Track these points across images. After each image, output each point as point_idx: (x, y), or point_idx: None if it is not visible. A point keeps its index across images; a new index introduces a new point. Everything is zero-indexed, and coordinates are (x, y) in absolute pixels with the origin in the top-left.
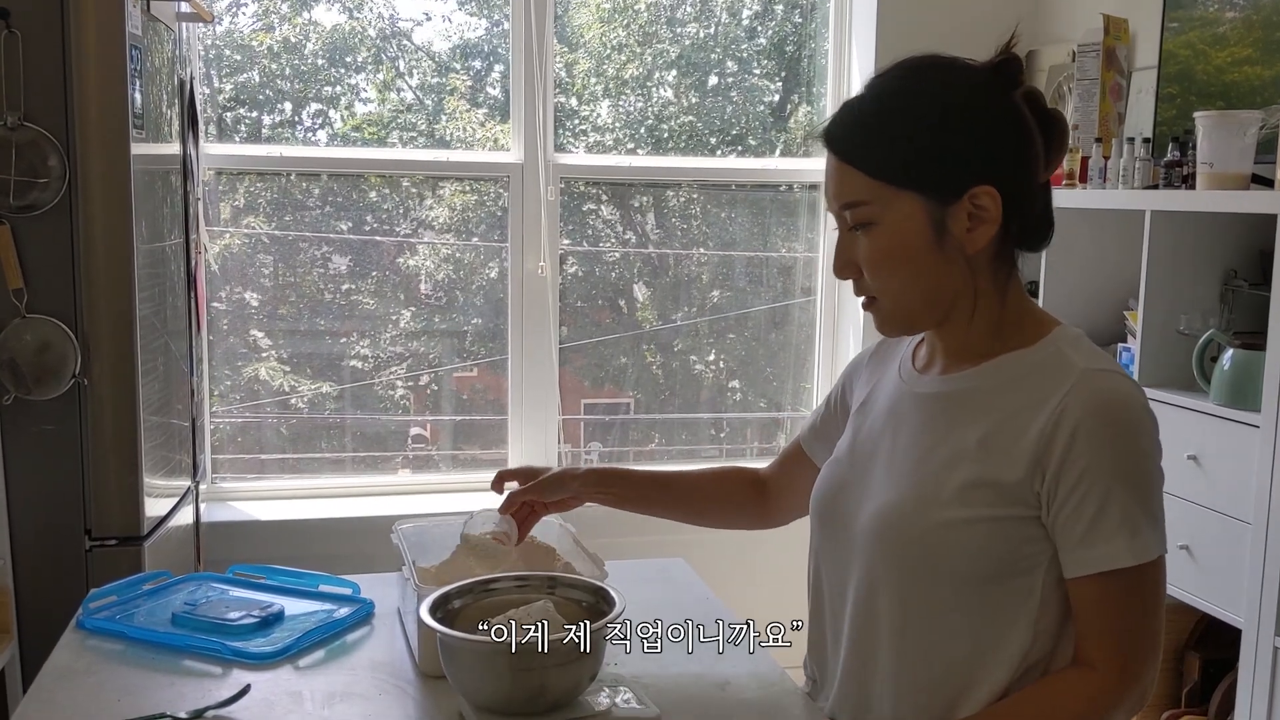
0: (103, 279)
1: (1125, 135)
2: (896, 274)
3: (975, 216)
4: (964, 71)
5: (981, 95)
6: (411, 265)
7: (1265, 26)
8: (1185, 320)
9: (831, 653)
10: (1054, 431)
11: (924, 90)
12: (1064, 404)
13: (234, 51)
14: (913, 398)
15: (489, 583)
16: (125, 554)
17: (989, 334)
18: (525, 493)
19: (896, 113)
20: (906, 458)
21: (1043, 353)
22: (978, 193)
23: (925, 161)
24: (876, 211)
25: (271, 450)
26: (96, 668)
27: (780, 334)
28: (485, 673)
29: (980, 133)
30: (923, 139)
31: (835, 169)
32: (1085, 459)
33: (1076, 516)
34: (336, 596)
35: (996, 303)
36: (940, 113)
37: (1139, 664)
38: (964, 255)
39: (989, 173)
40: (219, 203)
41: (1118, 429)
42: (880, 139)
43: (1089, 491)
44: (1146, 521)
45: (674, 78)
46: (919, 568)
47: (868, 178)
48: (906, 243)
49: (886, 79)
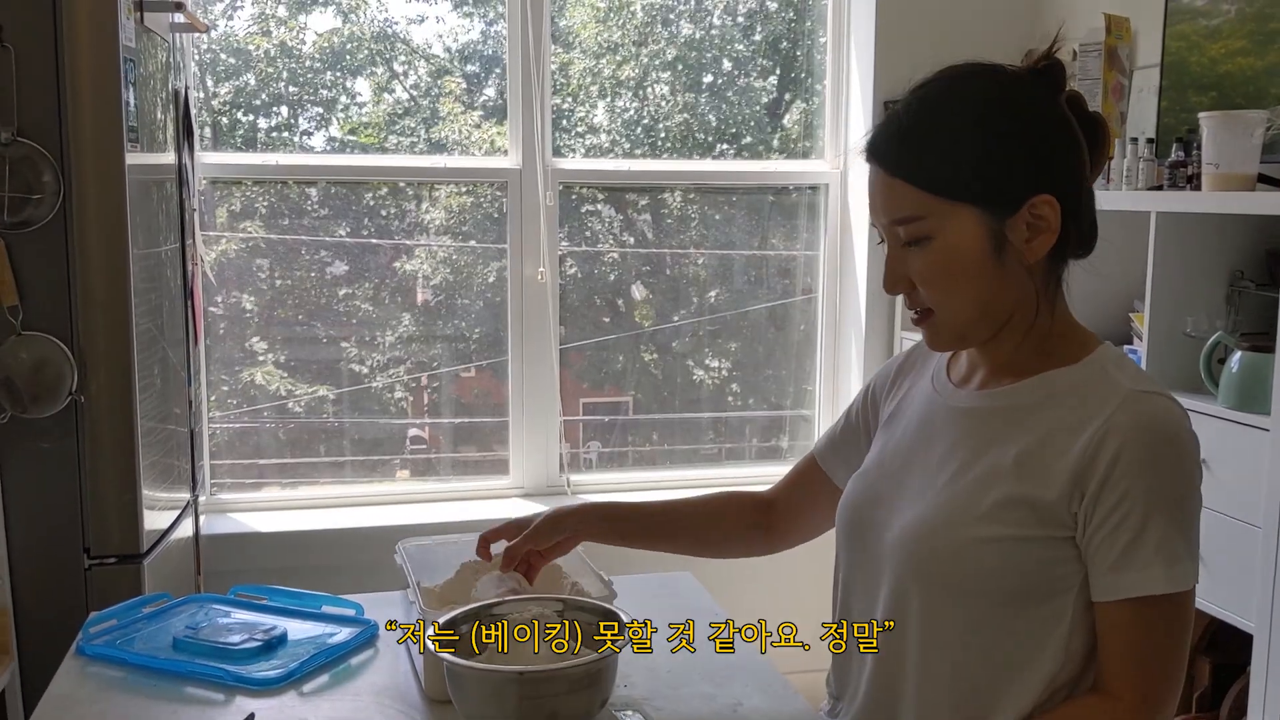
0: (99, 295)
1: (1128, 135)
2: (955, 289)
3: (1034, 227)
4: (1009, 78)
5: (1029, 102)
6: (409, 269)
7: (1259, 18)
8: (1192, 322)
9: (856, 667)
10: (1096, 452)
11: (971, 99)
12: (1108, 425)
13: (230, 56)
14: (948, 411)
15: (495, 606)
16: (125, 572)
17: (1035, 349)
18: (522, 544)
19: (946, 123)
20: (940, 472)
21: (1086, 371)
22: (1037, 202)
23: (982, 173)
24: (932, 226)
25: (270, 456)
26: (98, 696)
27: (780, 334)
28: (494, 702)
29: (1034, 141)
30: (978, 150)
31: (883, 183)
32: (1126, 482)
33: (1112, 540)
34: (340, 618)
35: (1048, 316)
36: (992, 122)
37: (1163, 695)
38: (1023, 267)
39: (1046, 181)
40: (215, 208)
41: (1162, 454)
42: (932, 151)
43: (1128, 515)
44: (1185, 550)
45: (670, 77)
46: (949, 584)
47: (921, 192)
48: (965, 257)
49: (930, 88)
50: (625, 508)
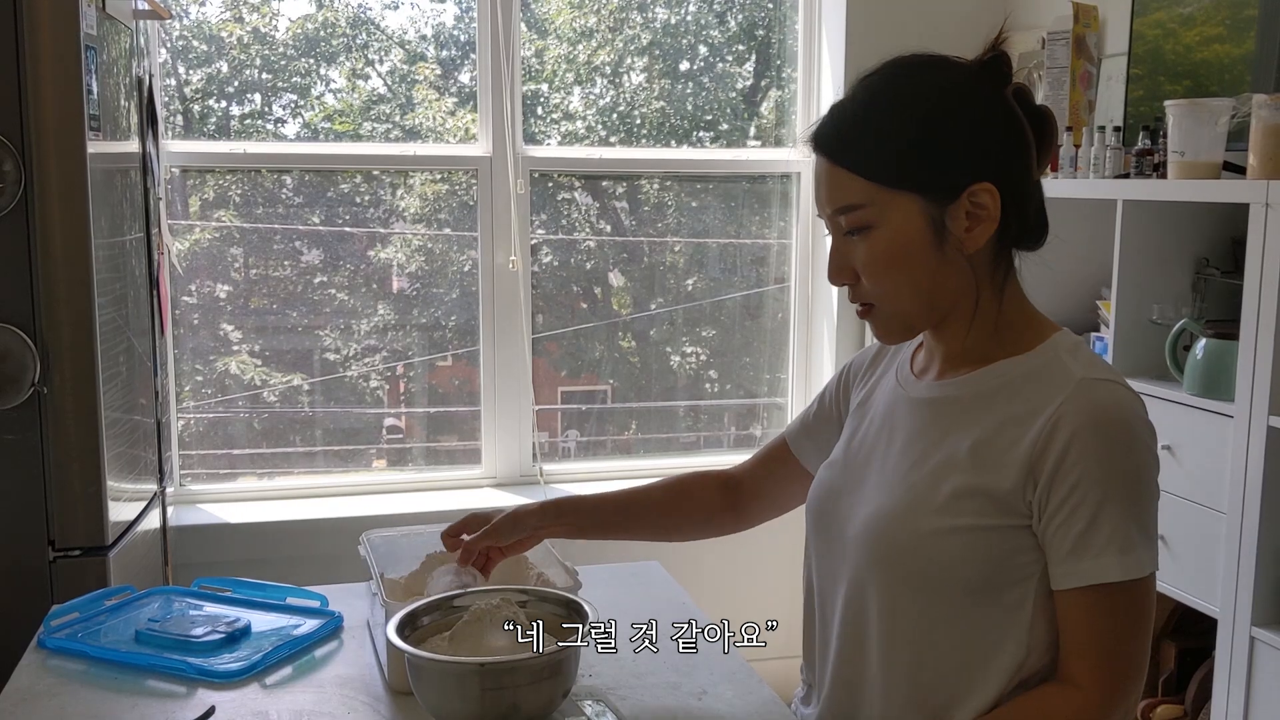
0: (61, 285)
1: (1096, 124)
2: (896, 277)
3: (974, 215)
4: (954, 68)
5: (974, 92)
6: (384, 257)
7: (1234, 5)
8: (1158, 310)
9: (821, 658)
10: (1048, 440)
11: (915, 89)
12: (1060, 412)
13: (202, 42)
14: (907, 402)
15: (458, 598)
16: (90, 564)
17: (987, 338)
18: (481, 539)
19: (889, 112)
20: (899, 464)
21: (1040, 359)
22: (976, 190)
23: (922, 160)
24: (873, 214)
25: (244, 446)
26: (58, 689)
27: (755, 322)
28: (455, 693)
29: (976, 130)
30: (918, 138)
31: (827, 173)
32: (1079, 470)
33: (1066, 529)
34: (304, 609)
35: (994, 305)
36: (934, 111)
37: (1125, 684)
38: (963, 256)
39: (986, 170)
40: (188, 196)
41: (1114, 441)
42: (874, 140)
43: (1081, 503)
44: (1140, 537)
45: (645, 63)
46: (909, 576)
47: (863, 180)
48: (906, 245)
49: (875, 78)
50: (588, 502)
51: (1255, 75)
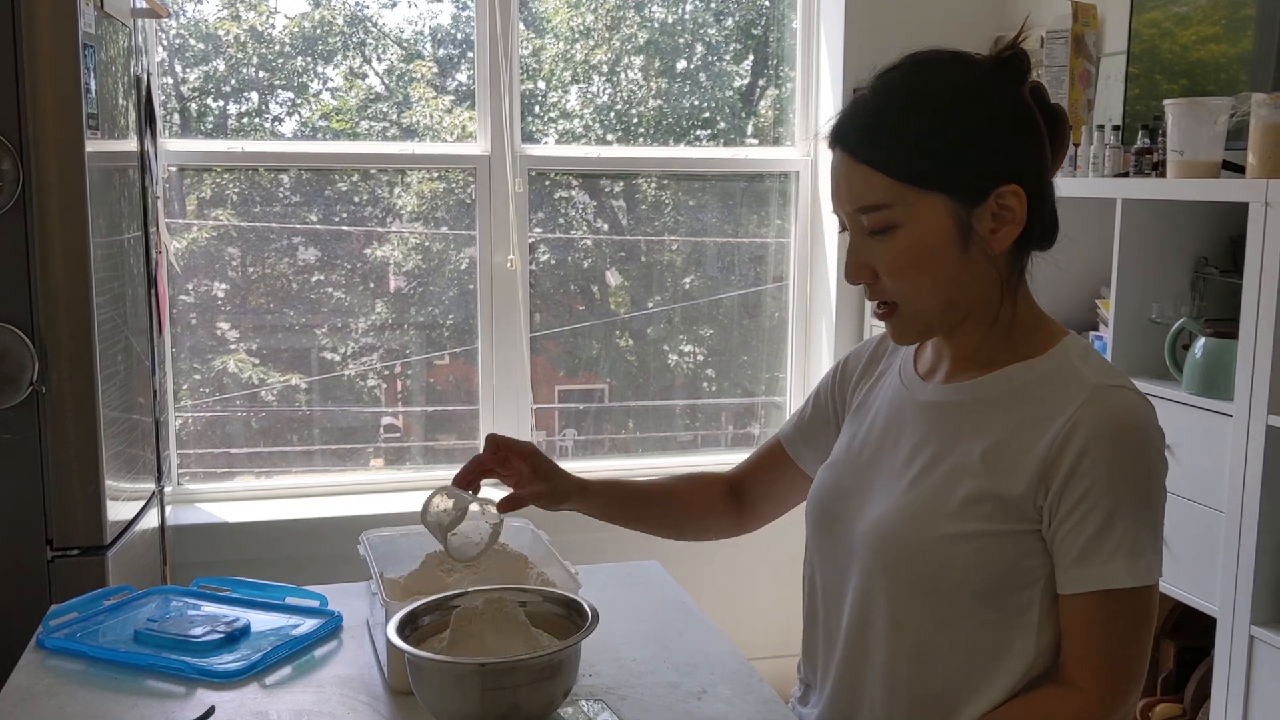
0: (59, 284)
1: (1095, 122)
2: (919, 278)
3: (1000, 217)
4: (974, 66)
5: (997, 91)
6: (381, 255)
7: (1230, 4)
8: (1157, 309)
9: (824, 658)
10: (1063, 446)
11: (940, 87)
12: (1075, 419)
13: (199, 41)
14: (915, 405)
15: (457, 598)
16: (89, 564)
17: (1000, 341)
18: (521, 482)
19: (915, 111)
20: (908, 468)
21: (1052, 363)
22: (1004, 192)
23: (952, 161)
24: (898, 214)
25: (241, 445)
26: (57, 690)
27: (753, 321)
28: (456, 693)
29: (1001, 130)
30: (948, 138)
31: (848, 171)
32: (1092, 477)
33: (1077, 534)
34: (303, 609)
35: (1010, 308)
36: (961, 110)
37: (1125, 688)
38: (986, 257)
39: (1012, 171)
40: (185, 195)
41: (1128, 448)
42: (902, 139)
43: (1093, 509)
44: (1149, 544)
45: (642, 62)
46: (917, 580)
47: (888, 179)
48: (931, 246)
49: (896, 74)
50: (611, 484)
51: (1252, 74)
